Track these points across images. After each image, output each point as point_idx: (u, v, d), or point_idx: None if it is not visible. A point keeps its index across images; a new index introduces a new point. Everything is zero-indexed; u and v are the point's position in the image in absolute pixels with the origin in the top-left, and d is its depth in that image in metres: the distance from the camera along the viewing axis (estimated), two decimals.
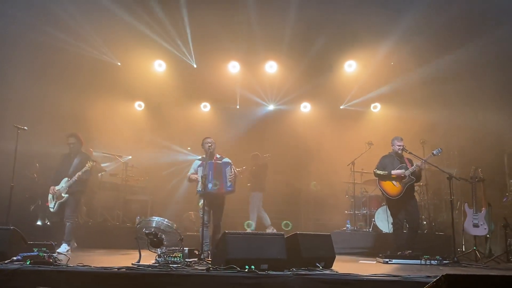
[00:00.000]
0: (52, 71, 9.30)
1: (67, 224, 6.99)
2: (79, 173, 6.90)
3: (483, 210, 7.47)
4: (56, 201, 6.99)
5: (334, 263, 5.31)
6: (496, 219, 7.65)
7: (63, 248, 6.71)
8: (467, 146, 9.16)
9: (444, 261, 6.40)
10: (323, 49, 9.96)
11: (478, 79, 8.87)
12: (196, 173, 6.57)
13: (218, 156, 6.74)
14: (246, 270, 4.22)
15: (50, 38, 8.74)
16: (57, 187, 7.02)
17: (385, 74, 10.20)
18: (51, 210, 7.04)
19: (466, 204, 7.67)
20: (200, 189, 6.32)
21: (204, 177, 6.14)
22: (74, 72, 9.67)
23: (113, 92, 10.57)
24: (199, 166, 6.58)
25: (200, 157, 6.89)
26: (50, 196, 7.08)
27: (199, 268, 4.62)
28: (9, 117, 7.95)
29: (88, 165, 6.94)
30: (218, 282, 4.05)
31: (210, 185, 6.29)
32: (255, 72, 10.96)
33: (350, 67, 10.63)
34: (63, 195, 6.95)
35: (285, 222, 4.84)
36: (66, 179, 7.03)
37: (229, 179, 6.44)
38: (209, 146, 6.58)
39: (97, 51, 9.70)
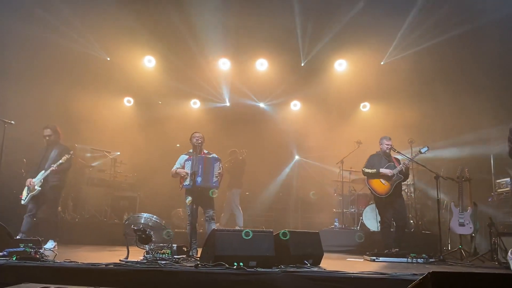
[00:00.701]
0: (40, 65, 9.17)
1: (51, 222, 6.89)
2: (53, 166, 6.69)
3: (469, 209, 7.58)
4: (28, 193, 6.74)
5: (322, 261, 5.35)
6: (481, 218, 7.77)
7: (50, 244, 6.64)
8: (454, 146, 9.26)
9: (430, 259, 6.47)
10: (313, 48, 10.00)
11: (465, 80, 8.97)
12: (183, 168, 6.39)
13: (205, 151, 6.61)
14: (235, 267, 4.23)
15: (38, 32, 8.63)
16: (33, 180, 6.80)
17: (375, 73, 10.26)
18: (22, 202, 6.77)
19: (452, 203, 7.77)
20: (188, 184, 6.18)
21: (193, 172, 6.08)
22: (62, 66, 9.56)
23: (102, 87, 10.48)
24: (186, 160, 6.40)
25: (186, 152, 6.72)
26: (25, 188, 6.84)
27: (188, 264, 4.61)
28: None
29: (64, 158, 6.72)
30: (207, 279, 4.04)
31: (199, 179, 6.18)
32: (246, 70, 10.95)
33: (340, 66, 10.68)
34: (36, 187, 6.70)
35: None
36: (42, 171, 6.82)
37: (216, 175, 6.36)
38: (196, 140, 6.48)
39: (86, 45, 9.61)
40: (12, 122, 6.55)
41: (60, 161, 6.72)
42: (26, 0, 8.10)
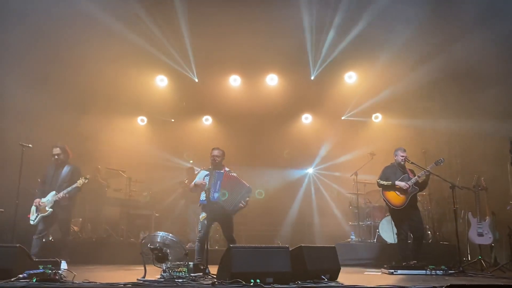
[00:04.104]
0: (54, 87, 9.37)
1: (67, 242, 6.84)
2: (67, 190, 6.50)
3: (487, 218, 7.46)
4: (38, 214, 6.54)
5: (339, 275, 5.30)
6: (500, 227, 7.63)
7: (64, 265, 6.51)
8: (469, 155, 9.15)
9: (450, 271, 6.35)
10: (323, 61, 10.07)
11: (478, 87, 8.89)
12: (203, 181, 6.19)
13: (227, 169, 6.39)
14: (252, 284, 4.22)
15: (51, 54, 8.82)
16: (43, 200, 6.60)
17: (385, 84, 10.26)
18: (32, 222, 6.54)
19: (470, 213, 7.66)
20: (204, 199, 5.97)
21: (209, 187, 5.93)
22: (76, 88, 9.76)
23: (115, 108, 10.66)
24: (206, 176, 6.22)
25: (207, 168, 6.48)
26: (33, 208, 6.62)
27: (205, 282, 4.62)
28: (12, 135, 7.94)
29: (80, 182, 6.53)
30: None
31: (216, 195, 5.96)
32: (256, 85, 11.07)
33: (350, 78, 10.72)
34: (47, 208, 6.52)
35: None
36: (53, 192, 6.61)
37: (240, 205, 6.14)
38: (213, 158, 6.32)
39: (98, 66, 9.79)
40: (30, 145, 6.64)
41: (76, 184, 6.54)
42: (38, 22, 8.26)
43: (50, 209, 6.56)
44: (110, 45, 9.29)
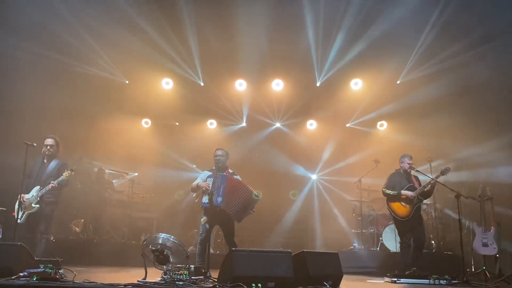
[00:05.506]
0: (60, 88, 9.42)
1: (43, 240, 6.28)
2: (54, 182, 6.18)
3: (492, 229, 7.38)
4: (24, 212, 6.20)
5: (342, 282, 5.24)
6: (506, 238, 7.55)
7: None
8: (475, 164, 9.09)
9: (453, 281, 6.27)
10: (329, 67, 10.07)
11: (486, 95, 8.86)
12: (207, 183, 6.04)
13: (230, 171, 6.28)
14: None
15: (58, 57, 8.89)
16: (27, 196, 6.26)
17: (391, 92, 10.23)
18: (18, 221, 6.15)
19: (475, 223, 7.58)
20: (206, 202, 5.89)
21: (212, 190, 5.84)
22: (82, 89, 9.81)
23: (120, 110, 10.68)
24: (208, 177, 6.11)
25: (210, 168, 6.38)
26: (17, 205, 6.28)
27: (205, 285, 4.58)
28: (17, 134, 7.95)
29: (66, 174, 6.20)
30: None
31: (219, 199, 5.85)
32: (262, 90, 11.08)
33: (356, 85, 10.70)
34: (33, 205, 6.22)
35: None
36: (38, 187, 6.30)
37: (243, 212, 5.97)
38: (217, 159, 6.20)
39: (105, 69, 9.86)
40: (35, 144, 6.60)
41: (62, 177, 6.23)
42: (46, 25, 8.32)
43: (37, 205, 6.28)
44: (117, 48, 9.36)
